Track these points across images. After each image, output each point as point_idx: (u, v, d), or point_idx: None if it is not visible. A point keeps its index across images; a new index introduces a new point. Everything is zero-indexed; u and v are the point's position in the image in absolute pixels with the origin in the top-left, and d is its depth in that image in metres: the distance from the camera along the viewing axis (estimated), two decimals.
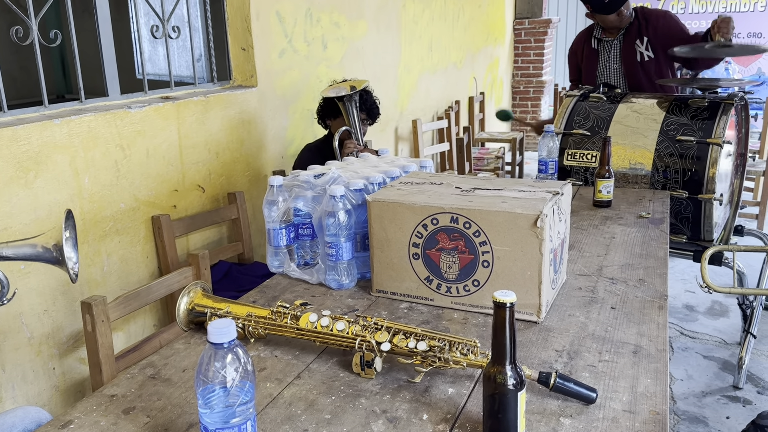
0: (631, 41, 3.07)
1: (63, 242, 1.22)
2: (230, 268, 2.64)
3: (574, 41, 3.36)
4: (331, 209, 1.52)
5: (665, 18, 3.08)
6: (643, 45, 3.04)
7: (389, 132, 4.39)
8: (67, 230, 1.24)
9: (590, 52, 3.21)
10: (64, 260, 1.23)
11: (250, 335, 1.29)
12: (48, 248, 1.24)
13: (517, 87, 7.23)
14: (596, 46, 3.20)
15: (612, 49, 3.14)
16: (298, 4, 3.14)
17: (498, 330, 0.96)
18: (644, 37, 3.05)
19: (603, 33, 3.17)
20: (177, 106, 2.52)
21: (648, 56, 3.05)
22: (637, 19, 3.08)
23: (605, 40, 3.16)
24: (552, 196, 1.43)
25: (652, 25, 3.05)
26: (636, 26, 3.07)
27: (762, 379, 2.77)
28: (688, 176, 2.44)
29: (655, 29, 3.05)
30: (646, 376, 1.15)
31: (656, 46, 3.04)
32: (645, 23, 3.06)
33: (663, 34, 3.04)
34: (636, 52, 3.07)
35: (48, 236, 1.26)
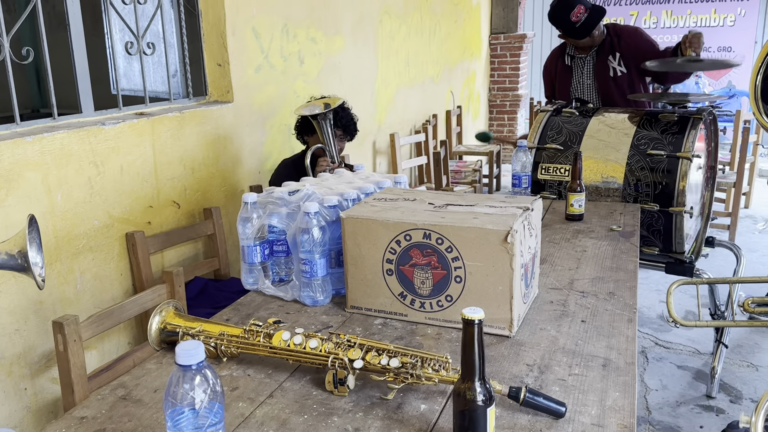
0: (604, 57, 3.13)
1: (27, 247, 1.20)
2: (206, 285, 2.62)
3: (548, 59, 3.42)
4: (305, 226, 1.52)
5: (636, 34, 3.15)
6: (615, 61, 3.11)
7: (367, 146, 4.41)
8: (31, 234, 1.21)
9: (564, 69, 3.27)
10: (30, 266, 1.21)
11: (222, 354, 1.28)
12: (12, 255, 1.21)
13: (494, 101, 7.31)
14: (570, 63, 3.25)
15: (585, 66, 3.20)
16: (274, 20, 3.16)
17: (467, 347, 0.97)
18: (617, 53, 3.11)
19: (576, 50, 3.23)
20: (152, 122, 2.51)
21: (621, 71, 3.12)
22: (609, 35, 3.14)
23: (578, 57, 3.22)
24: (522, 212, 1.46)
25: (624, 42, 3.12)
26: (609, 42, 3.13)
27: (734, 388, 2.82)
28: (659, 189, 2.48)
29: (627, 45, 3.11)
30: (615, 389, 1.17)
31: (628, 62, 3.10)
32: (617, 39, 3.13)
33: (634, 49, 3.10)
34: (609, 67, 3.13)
35: (12, 243, 1.23)
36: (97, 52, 3.34)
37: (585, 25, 3.02)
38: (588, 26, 3.03)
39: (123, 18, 2.51)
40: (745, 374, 2.93)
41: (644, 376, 2.95)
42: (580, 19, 3.01)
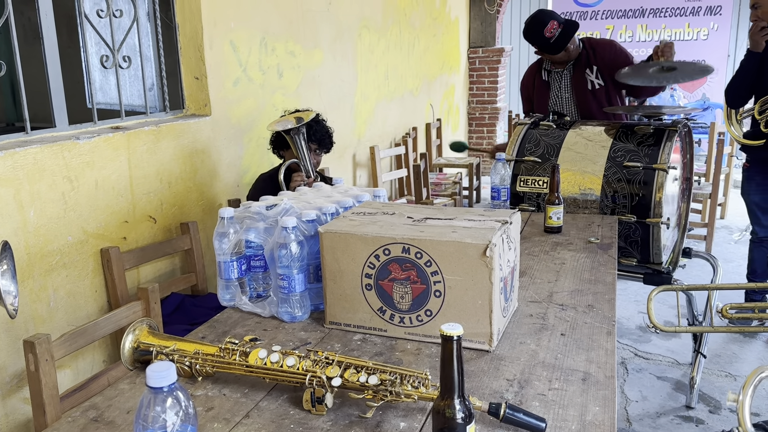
0: (581, 71, 3.16)
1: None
2: (183, 300, 2.58)
3: (525, 75, 3.44)
4: (283, 241, 1.50)
5: (611, 47, 3.19)
6: (593, 74, 3.14)
7: (347, 159, 4.41)
8: (4, 262, 1.19)
9: (541, 84, 3.29)
10: (1, 295, 1.18)
11: (197, 373, 1.25)
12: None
13: (473, 113, 7.36)
14: (547, 78, 3.28)
15: (563, 80, 3.23)
16: (252, 34, 3.15)
17: (446, 364, 0.96)
18: (593, 66, 3.15)
19: (552, 65, 3.26)
20: (127, 136, 2.48)
21: (598, 84, 3.15)
22: (585, 49, 3.18)
23: (555, 72, 3.25)
24: (501, 225, 1.45)
25: (600, 55, 3.15)
26: (585, 56, 3.17)
27: (713, 399, 2.84)
28: (636, 201, 2.50)
29: (603, 58, 3.15)
30: (595, 403, 1.16)
31: (605, 75, 3.14)
32: (593, 53, 3.16)
33: (610, 62, 3.14)
34: (587, 81, 3.16)
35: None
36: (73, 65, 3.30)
37: (559, 40, 3.06)
38: (562, 41, 3.06)
39: (98, 31, 2.49)
40: (724, 384, 2.96)
41: (624, 387, 2.95)
42: (554, 34, 3.04)
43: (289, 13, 3.46)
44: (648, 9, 8.43)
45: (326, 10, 3.87)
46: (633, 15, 8.51)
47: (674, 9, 8.41)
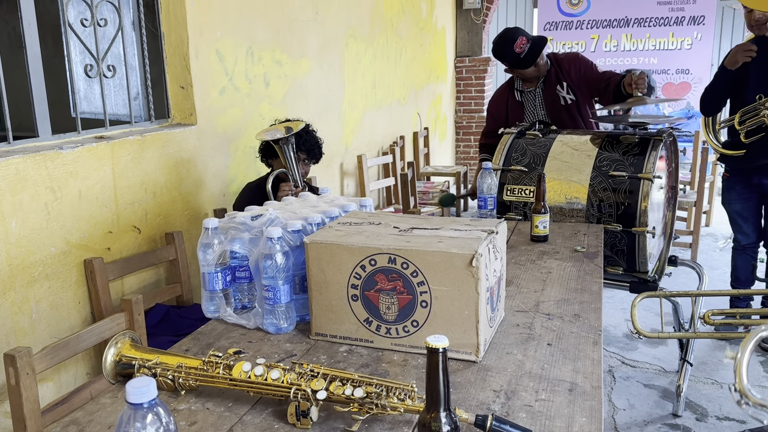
0: (552, 87, 3.17)
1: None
2: (168, 312, 2.56)
3: (495, 95, 3.40)
4: (268, 251, 1.49)
5: (577, 60, 3.20)
6: (564, 90, 3.15)
7: (334, 168, 4.40)
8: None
9: (515, 104, 3.30)
10: None
11: (180, 387, 1.24)
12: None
13: (460, 122, 7.39)
14: (520, 98, 3.28)
15: (536, 98, 3.24)
16: (238, 43, 3.14)
17: (431, 376, 0.95)
18: (563, 81, 3.16)
19: (524, 84, 3.26)
20: (112, 146, 2.46)
21: (570, 99, 3.17)
22: (552, 65, 3.19)
23: (528, 91, 3.26)
24: (487, 235, 1.45)
25: (565, 70, 3.17)
26: (553, 72, 3.18)
27: (700, 406, 2.85)
28: (621, 210, 2.52)
29: (570, 73, 3.17)
30: (582, 414, 1.16)
31: (575, 89, 3.15)
32: (560, 68, 3.18)
33: (578, 75, 3.16)
34: (559, 96, 3.17)
35: None
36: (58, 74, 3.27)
37: (529, 54, 3.08)
38: (532, 55, 3.08)
39: (82, 40, 2.47)
40: (710, 392, 2.97)
41: (612, 395, 2.96)
42: (523, 49, 3.06)
43: (276, 23, 3.46)
44: (633, 19, 8.52)
45: (313, 19, 3.87)
46: (618, 25, 8.60)
47: (658, 19, 8.51)
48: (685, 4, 8.42)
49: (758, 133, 3.11)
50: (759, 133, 3.10)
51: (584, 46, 8.73)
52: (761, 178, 3.27)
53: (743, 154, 3.21)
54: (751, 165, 3.24)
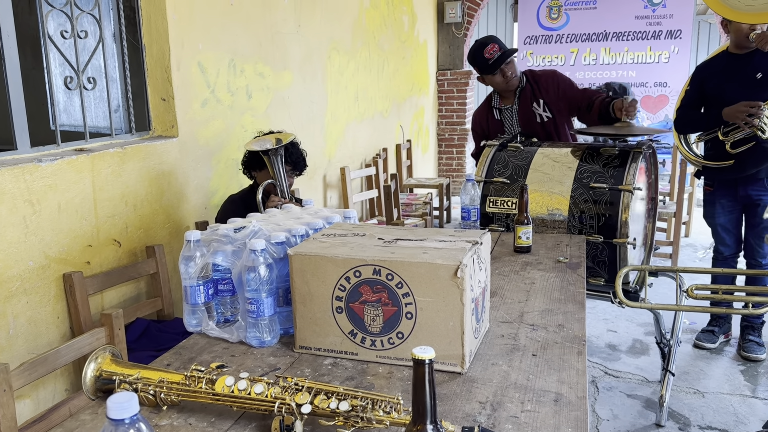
0: (528, 104, 3.19)
1: None
2: (149, 326, 2.52)
3: (476, 115, 3.42)
4: (251, 264, 1.48)
5: (554, 78, 3.20)
6: (540, 107, 3.18)
7: (317, 180, 4.39)
8: None
9: (495, 123, 3.31)
10: None
11: (162, 402, 1.22)
12: None
13: (443, 134, 7.43)
14: (499, 116, 3.30)
15: (513, 116, 3.26)
16: (220, 55, 3.13)
17: (417, 388, 0.94)
18: (540, 99, 3.18)
19: (500, 101, 3.28)
20: (92, 158, 2.43)
21: (546, 116, 3.18)
22: (528, 83, 3.20)
23: (505, 108, 3.28)
24: (471, 246, 1.45)
25: (543, 87, 3.18)
26: (529, 90, 3.19)
27: (682, 416, 2.86)
28: (602, 221, 2.54)
29: (547, 90, 3.18)
30: (567, 425, 1.16)
31: (551, 106, 3.17)
32: (536, 86, 3.19)
33: (556, 93, 3.17)
34: (535, 114, 3.19)
35: None
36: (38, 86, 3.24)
37: (497, 60, 3.11)
38: (499, 61, 3.12)
39: (62, 52, 2.44)
40: (693, 401, 2.99)
41: (595, 406, 2.96)
42: (493, 56, 3.10)
43: (258, 35, 3.46)
44: (611, 33, 8.66)
45: (295, 32, 3.88)
46: (597, 39, 8.73)
47: (636, 33, 8.66)
48: (662, 19, 8.58)
49: (744, 144, 3.14)
50: (745, 143, 3.13)
51: (563, 60, 8.84)
52: (746, 189, 3.29)
53: (731, 165, 3.22)
54: (738, 175, 3.25)
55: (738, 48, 3.19)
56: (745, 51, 3.16)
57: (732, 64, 3.21)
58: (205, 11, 3.00)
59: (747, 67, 3.15)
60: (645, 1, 8.55)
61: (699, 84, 3.35)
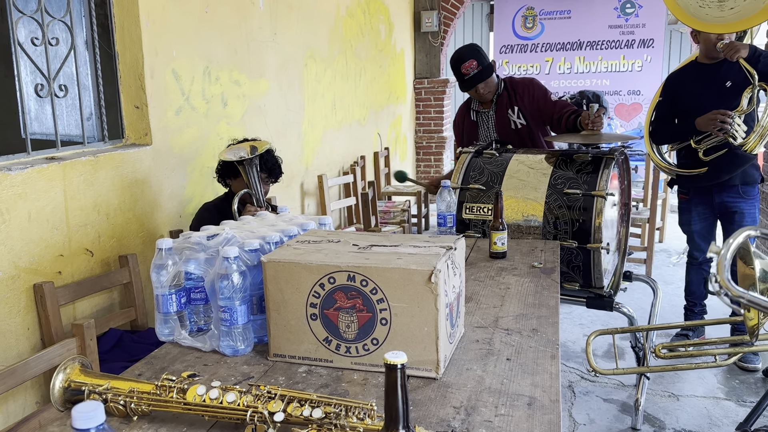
0: (504, 111, 3.23)
1: None
2: (122, 336, 2.48)
3: (457, 115, 3.49)
4: (224, 271, 1.46)
5: (531, 86, 3.24)
6: (515, 114, 3.21)
7: (295, 188, 4.37)
8: None
9: (471, 124, 3.36)
10: None
11: (132, 412, 1.20)
12: None
13: (420, 142, 7.46)
14: (475, 118, 3.34)
15: (489, 120, 3.30)
16: (195, 63, 3.11)
17: (390, 393, 0.94)
18: (515, 106, 3.22)
19: (479, 105, 3.32)
20: (63, 167, 2.39)
21: (521, 124, 3.22)
22: (506, 89, 3.24)
23: (482, 112, 3.32)
24: (446, 251, 1.46)
25: (519, 95, 3.22)
26: (506, 97, 3.23)
27: (657, 419, 2.89)
28: (576, 227, 2.56)
29: (522, 98, 3.22)
30: (540, 428, 1.16)
31: (526, 114, 3.21)
32: (514, 93, 3.23)
33: (530, 102, 3.21)
34: (510, 121, 3.23)
35: None
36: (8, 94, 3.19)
37: (472, 78, 3.14)
38: (472, 82, 3.14)
39: (33, 60, 2.41)
40: (667, 404, 3.02)
41: (572, 410, 2.98)
42: (469, 73, 3.13)
43: (234, 43, 3.45)
44: (585, 42, 8.78)
45: (271, 40, 3.87)
46: (571, 47, 8.85)
47: (610, 42, 8.79)
48: (635, 28, 8.74)
49: (717, 151, 3.19)
50: (718, 151, 3.19)
51: (539, 69, 8.94)
52: (722, 196, 3.34)
53: (705, 172, 3.28)
54: (712, 182, 3.30)
55: (707, 57, 3.26)
56: (714, 60, 3.22)
57: (702, 74, 3.28)
58: (179, 18, 2.98)
59: (716, 76, 3.22)
60: (618, 10, 8.69)
61: (670, 94, 3.41)
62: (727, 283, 1.39)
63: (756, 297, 1.39)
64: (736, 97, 3.13)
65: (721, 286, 1.40)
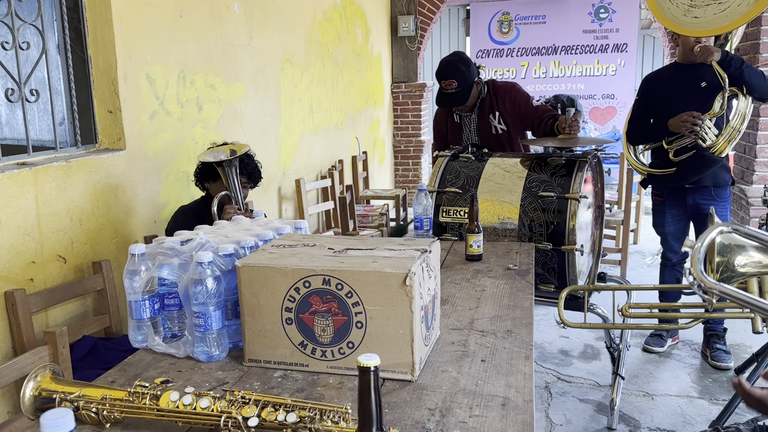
0: (485, 116, 3.25)
1: None
2: (96, 344, 2.45)
3: (437, 114, 3.48)
4: (198, 277, 1.46)
5: (513, 91, 3.26)
6: (495, 119, 3.24)
7: (272, 192, 4.36)
8: None
9: (454, 126, 3.37)
10: None
11: (105, 420, 1.18)
12: None
13: (398, 146, 7.48)
14: (458, 120, 3.36)
15: (471, 123, 3.32)
16: (169, 67, 3.09)
17: (363, 395, 0.94)
18: (496, 111, 3.24)
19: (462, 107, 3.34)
20: (34, 173, 2.36)
21: (501, 129, 3.25)
22: (489, 94, 3.26)
23: (465, 115, 3.34)
24: (420, 254, 1.46)
25: (501, 99, 3.24)
26: (488, 101, 3.25)
27: (633, 418, 2.93)
28: (551, 229, 2.59)
29: (504, 103, 3.24)
30: (514, 428, 1.17)
31: (507, 120, 3.24)
32: (495, 98, 3.25)
33: (511, 106, 3.24)
34: (491, 126, 3.25)
35: None
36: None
37: (450, 98, 3.15)
38: (451, 101, 3.16)
39: (3, 64, 2.37)
40: (642, 404, 3.06)
41: (549, 411, 3.01)
42: (447, 90, 3.15)
43: (209, 47, 3.43)
44: (560, 46, 8.89)
45: (247, 44, 3.86)
46: (546, 52, 8.95)
47: (584, 46, 8.91)
48: (609, 33, 8.86)
49: (686, 152, 3.25)
50: (687, 152, 3.25)
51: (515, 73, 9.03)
52: (695, 198, 3.40)
53: (673, 173, 3.33)
54: (682, 183, 3.36)
55: (685, 59, 3.32)
56: (692, 62, 3.28)
57: (679, 74, 3.34)
58: (153, 23, 2.96)
59: (693, 77, 3.27)
60: (592, 15, 8.82)
61: (647, 94, 3.47)
62: (701, 275, 1.43)
63: (728, 288, 1.43)
64: (710, 98, 3.19)
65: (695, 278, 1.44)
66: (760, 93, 3.14)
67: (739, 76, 3.08)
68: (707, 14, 3.03)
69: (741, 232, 1.49)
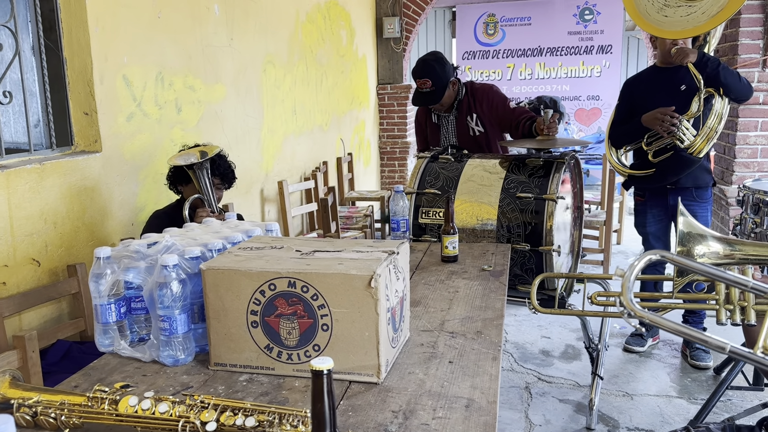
0: (463, 117, 3.26)
1: None
2: (70, 348, 2.42)
3: (418, 113, 3.50)
4: (163, 280, 1.44)
5: (490, 93, 3.27)
6: (473, 121, 3.25)
7: (254, 194, 4.34)
8: None
9: (433, 126, 3.38)
10: None
11: (63, 425, 1.17)
12: None
13: (384, 148, 7.48)
14: (437, 120, 3.37)
15: (449, 124, 3.32)
16: (147, 68, 3.07)
17: (316, 400, 0.94)
18: (473, 113, 3.25)
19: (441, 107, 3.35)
20: (7, 175, 2.33)
21: (479, 131, 3.25)
22: (467, 95, 3.27)
23: (443, 115, 3.34)
24: (387, 256, 1.46)
25: (478, 101, 3.25)
26: (466, 103, 3.26)
27: (612, 418, 2.94)
28: (529, 230, 2.60)
29: (481, 105, 3.25)
30: (476, 429, 1.17)
31: (484, 121, 3.25)
32: (473, 100, 3.26)
33: (489, 108, 3.24)
34: (468, 127, 3.26)
35: None
36: None
37: (423, 97, 3.16)
38: (425, 100, 3.16)
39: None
40: (621, 403, 3.07)
41: (528, 412, 3.01)
42: (422, 90, 3.16)
43: (188, 48, 3.41)
44: (545, 48, 8.92)
45: (228, 45, 3.84)
46: (532, 54, 8.98)
47: (569, 48, 8.95)
48: (594, 35, 8.91)
49: (664, 153, 3.27)
50: (666, 153, 3.26)
51: (501, 75, 9.06)
52: (676, 199, 3.41)
53: (653, 173, 3.35)
54: (662, 183, 3.38)
55: (664, 62, 3.34)
56: (671, 65, 3.30)
57: (658, 77, 3.36)
58: (130, 24, 2.94)
59: (672, 79, 3.29)
60: (577, 17, 8.86)
61: (628, 97, 3.49)
62: (630, 304, 1.45)
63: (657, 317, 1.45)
64: (690, 100, 3.21)
65: (624, 307, 1.46)
66: (736, 94, 3.16)
67: (715, 77, 3.10)
68: (676, 15, 3.05)
69: (669, 258, 1.51)
